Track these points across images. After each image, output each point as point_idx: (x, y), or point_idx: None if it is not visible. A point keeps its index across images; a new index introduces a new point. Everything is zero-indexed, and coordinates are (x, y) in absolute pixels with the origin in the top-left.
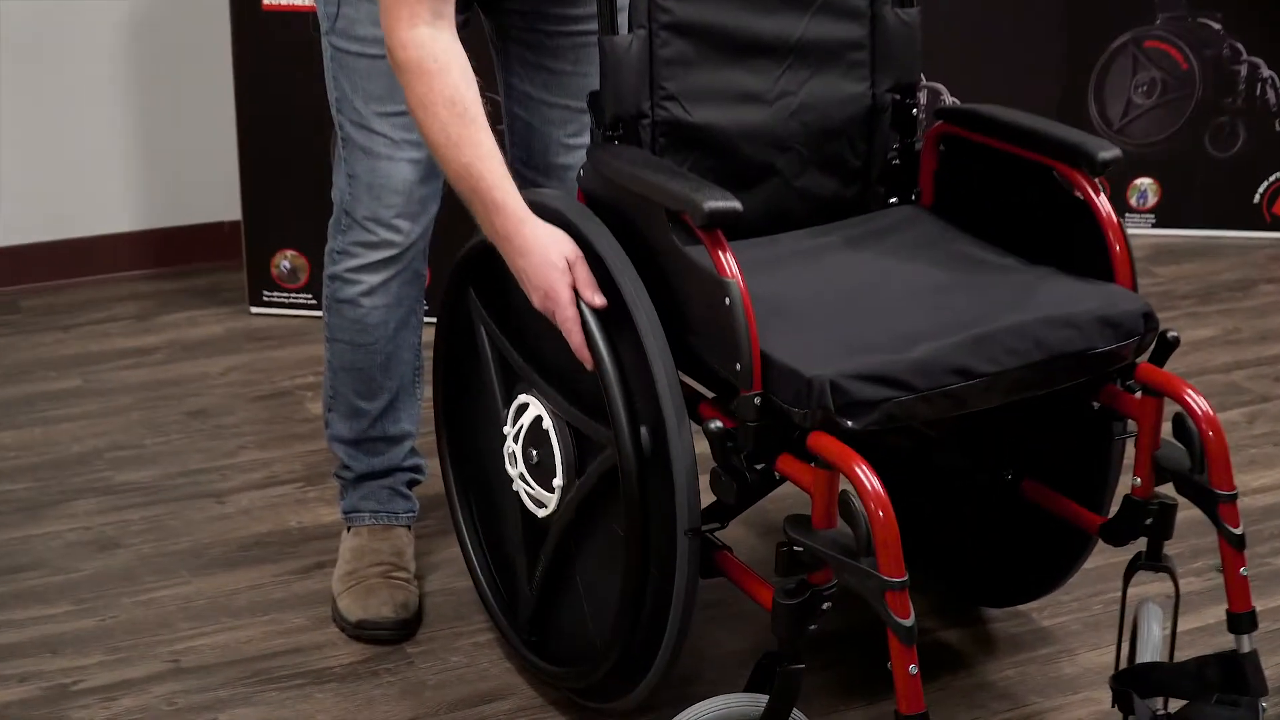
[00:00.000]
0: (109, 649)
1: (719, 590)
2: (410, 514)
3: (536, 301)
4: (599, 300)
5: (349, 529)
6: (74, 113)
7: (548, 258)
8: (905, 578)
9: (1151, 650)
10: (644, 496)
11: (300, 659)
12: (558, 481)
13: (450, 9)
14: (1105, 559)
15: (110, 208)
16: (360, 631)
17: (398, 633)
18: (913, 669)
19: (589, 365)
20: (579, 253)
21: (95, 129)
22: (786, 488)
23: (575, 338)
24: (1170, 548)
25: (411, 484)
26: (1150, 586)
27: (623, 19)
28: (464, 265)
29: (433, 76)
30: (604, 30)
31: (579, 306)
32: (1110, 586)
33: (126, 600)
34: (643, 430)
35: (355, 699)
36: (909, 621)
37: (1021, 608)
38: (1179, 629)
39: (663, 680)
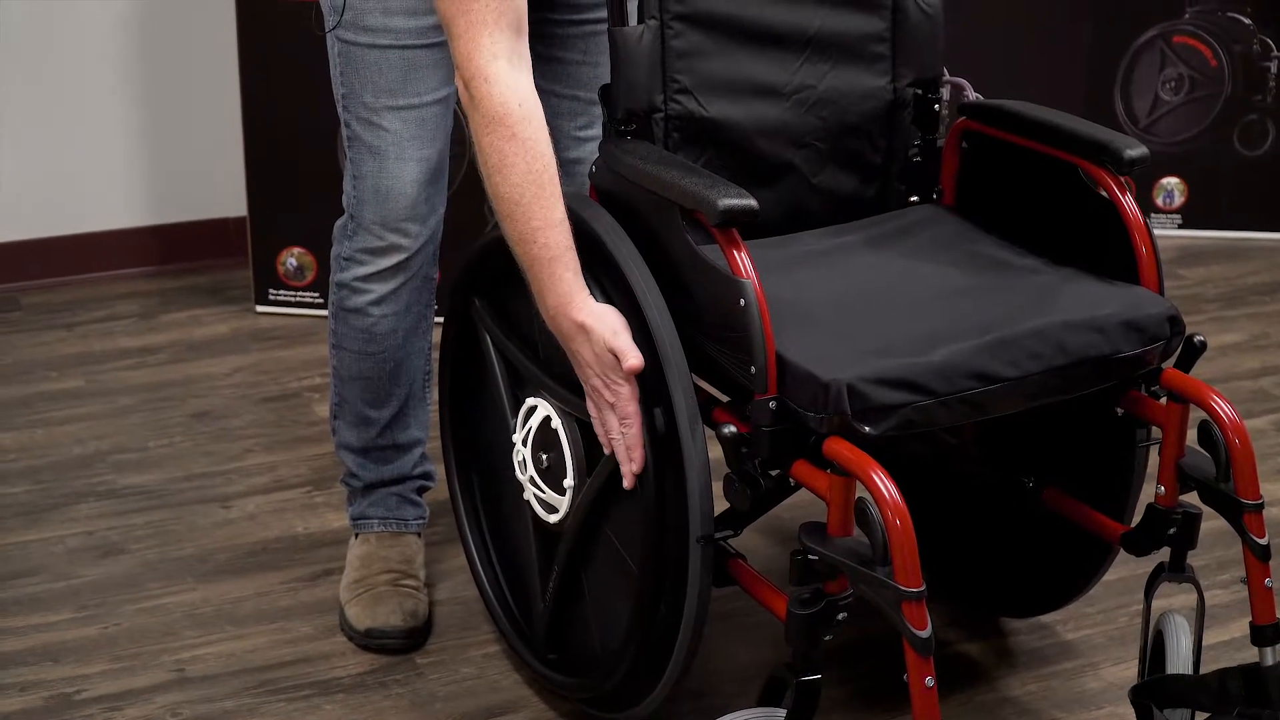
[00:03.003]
0: (112, 657)
1: (734, 601)
2: (420, 521)
3: (587, 389)
4: (635, 362)
5: (357, 536)
6: (77, 105)
7: (595, 349)
8: (922, 588)
9: (1181, 663)
10: (657, 488)
11: (307, 669)
12: (569, 482)
13: (527, 47)
14: (1130, 570)
15: (114, 203)
16: (368, 641)
17: (406, 642)
18: (929, 681)
19: (638, 466)
20: (625, 323)
21: (99, 122)
22: (803, 495)
23: (629, 435)
24: (1196, 559)
25: (422, 490)
26: (1176, 598)
27: (633, 8)
28: (466, 274)
29: (516, 125)
30: (614, 21)
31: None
32: (1136, 599)
33: (130, 607)
34: (656, 411)
35: (363, 710)
36: (926, 632)
37: (1045, 620)
38: (1204, 642)
39: (674, 691)
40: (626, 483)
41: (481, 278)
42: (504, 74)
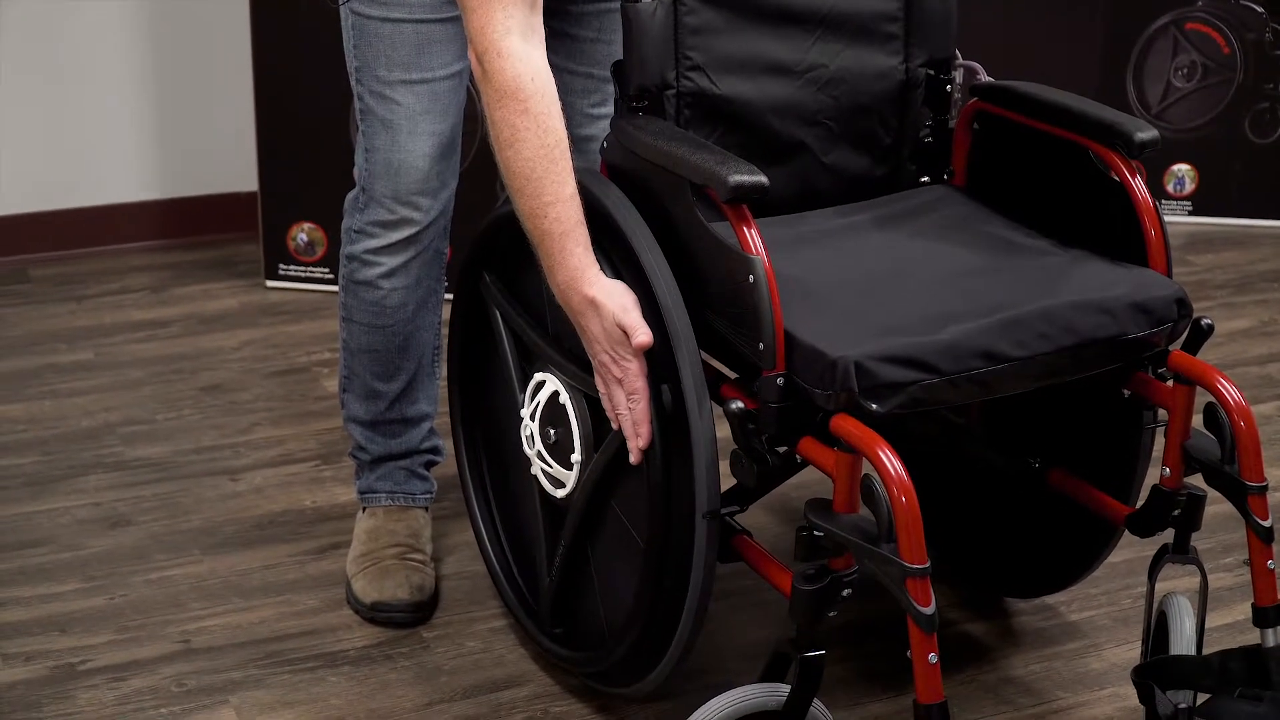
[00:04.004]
0: (118, 628)
1: (740, 579)
2: (428, 495)
3: (595, 365)
4: (645, 338)
5: (364, 509)
6: (89, 79)
7: (605, 324)
8: (927, 564)
9: (1184, 645)
10: (664, 463)
11: (313, 641)
12: (576, 458)
13: (541, 21)
14: (1135, 551)
15: (124, 176)
16: (375, 614)
17: (413, 615)
18: (932, 658)
19: (644, 441)
20: (635, 299)
21: (111, 95)
22: (811, 473)
23: (638, 410)
24: (1201, 542)
25: (429, 465)
26: (1179, 581)
27: None
28: (477, 248)
29: (529, 100)
30: None
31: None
32: (1140, 581)
33: (137, 579)
34: (664, 387)
35: (369, 683)
36: (930, 609)
37: (1049, 601)
38: (1207, 624)
39: (679, 665)
40: (633, 458)
41: (492, 253)
42: (517, 48)
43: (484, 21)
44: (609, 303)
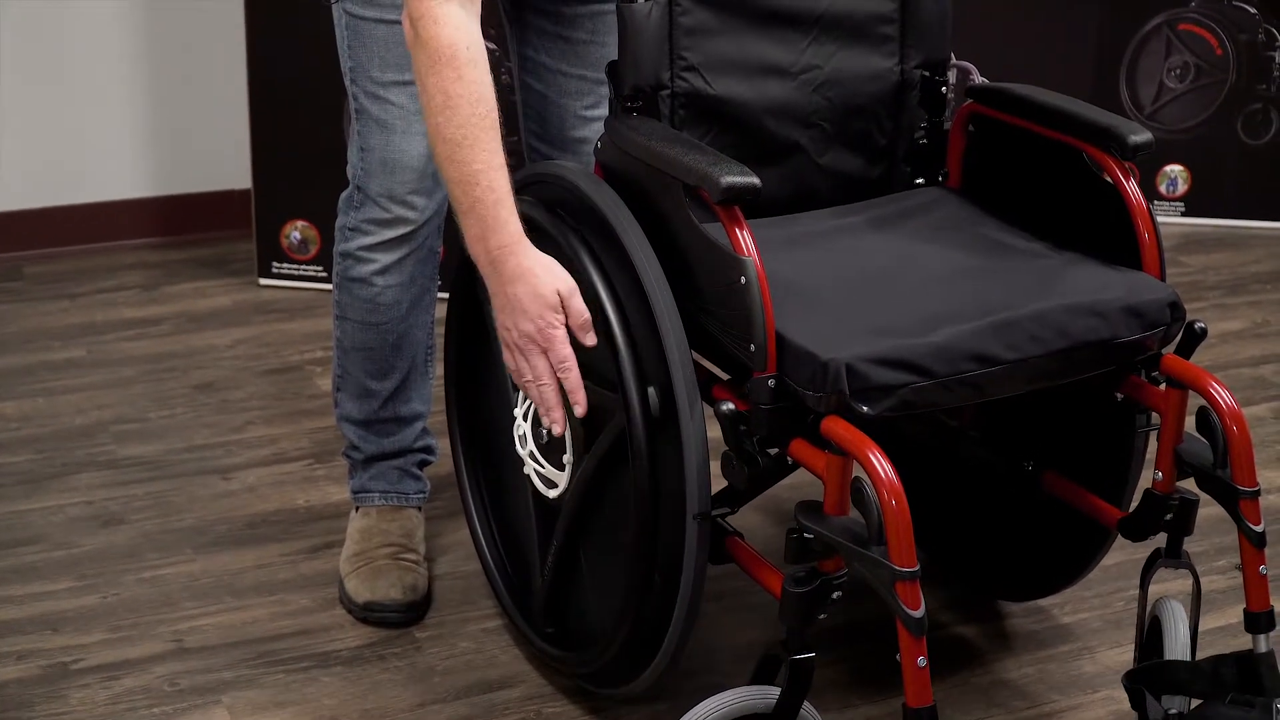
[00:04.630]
0: (110, 627)
1: (732, 580)
2: (421, 495)
3: (515, 335)
4: (591, 340)
5: (357, 509)
6: (83, 76)
7: (539, 290)
8: (916, 568)
9: (1179, 649)
10: (653, 465)
11: (306, 641)
12: (568, 458)
13: None
14: (1128, 555)
15: (118, 173)
16: (368, 614)
17: (406, 615)
18: (921, 661)
19: (583, 409)
20: (574, 285)
21: (105, 92)
22: (804, 475)
23: (571, 377)
24: (1194, 545)
25: (423, 465)
26: (1173, 584)
27: None
28: None
29: (464, 67)
30: None
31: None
32: (1134, 584)
33: (129, 577)
34: (651, 391)
35: (362, 683)
36: (919, 612)
37: (1042, 604)
38: (1200, 628)
39: (671, 665)
40: (557, 429)
41: None
42: (454, 15)
43: None
44: (545, 274)
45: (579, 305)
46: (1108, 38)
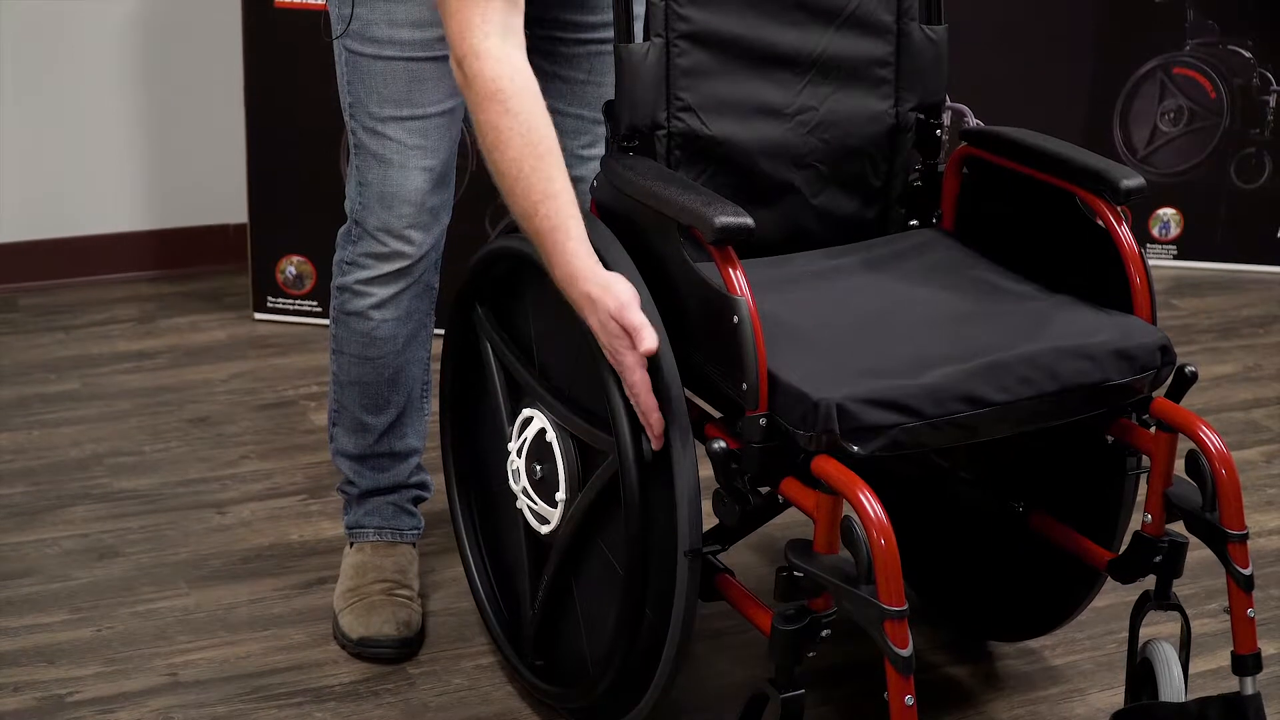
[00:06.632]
0: (106, 660)
1: (726, 619)
2: (415, 531)
3: (605, 352)
4: (646, 347)
5: (352, 544)
6: (80, 109)
7: (600, 319)
8: (905, 607)
9: (1174, 691)
10: (645, 505)
11: (299, 676)
12: (560, 495)
13: (520, 22)
14: (1120, 596)
15: (114, 207)
16: (361, 649)
17: (399, 651)
18: (909, 700)
19: (658, 428)
20: (624, 301)
21: (100, 125)
22: (795, 514)
23: (642, 398)
24: (1184, 588)
25: (417, 500)
26: (1163, 626)
27: (639, 27)
28: (470, 280)
29: (509, 100)
30: (620, 38)
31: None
32: (1125, 626)
33: (124, 611)
34: (645, 435)
35: (355, 719)
36: (907, 651)
37: (1033, 645)
38: (1190, 670)
39: (662, 705)
40: (655, 444)
41: (484, 285)
42: (496, 50)
43: (463, 26)
44: (605, 298)
45: (630, 318)
46: (1102, 81)
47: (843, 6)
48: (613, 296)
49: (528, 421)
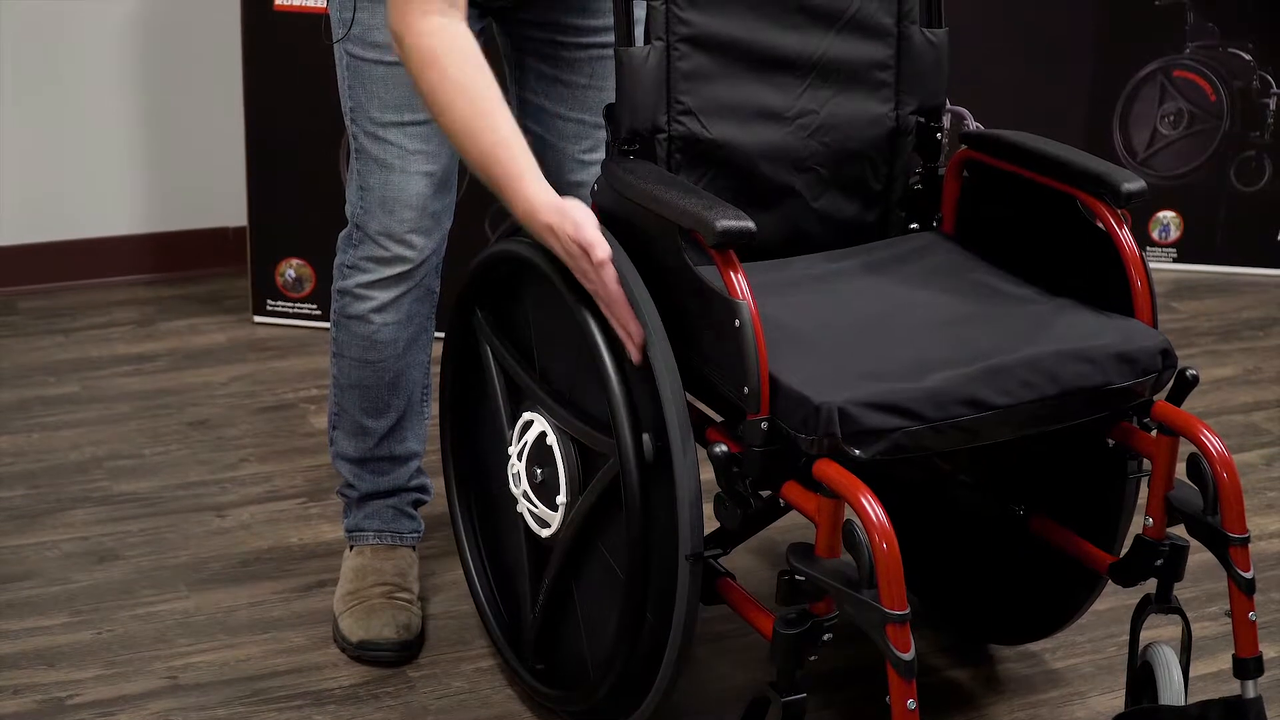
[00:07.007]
0: (106, 663)
1: (728, 622)
2: (415, 534)
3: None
4: (600, 254)
5: (351, 548)
6: (80, 111)
7: (565, 246)
8: (906, 611)
9: (1175, 695)
10: (645, 509)
11: (299, 679)
12: (561, 499)
13: None
14: (1121, 600)
15: (113, 209)
16: (361, 652)
17: (399, 654)
18: (911, 704)
19: (638, 338)
20: (590, 215)
21: (100, 128)
22: (796, 517)
23: (620, 310)
24: (1185, 591)
25: (417, 504)
26: (1164, 630)
27: (640, 31)
28: (470, 284)
29: (446, 64)
30: (620, 41)
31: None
32: (1126, 629)
33: (123, 614)
34: (645, 437)
35: None
36: (909, 655)
37: (1033, 649)
38: (1191, 673)
39: (663, 708)
40: (634, 358)
41: (484, 289)
42: (434, 26)
43: (404, 6)
44: (563, 223)
45: (583, 236)
46: (1102, 84)
47: (843, 9)
48: (569, 221)
49: (528, 425)
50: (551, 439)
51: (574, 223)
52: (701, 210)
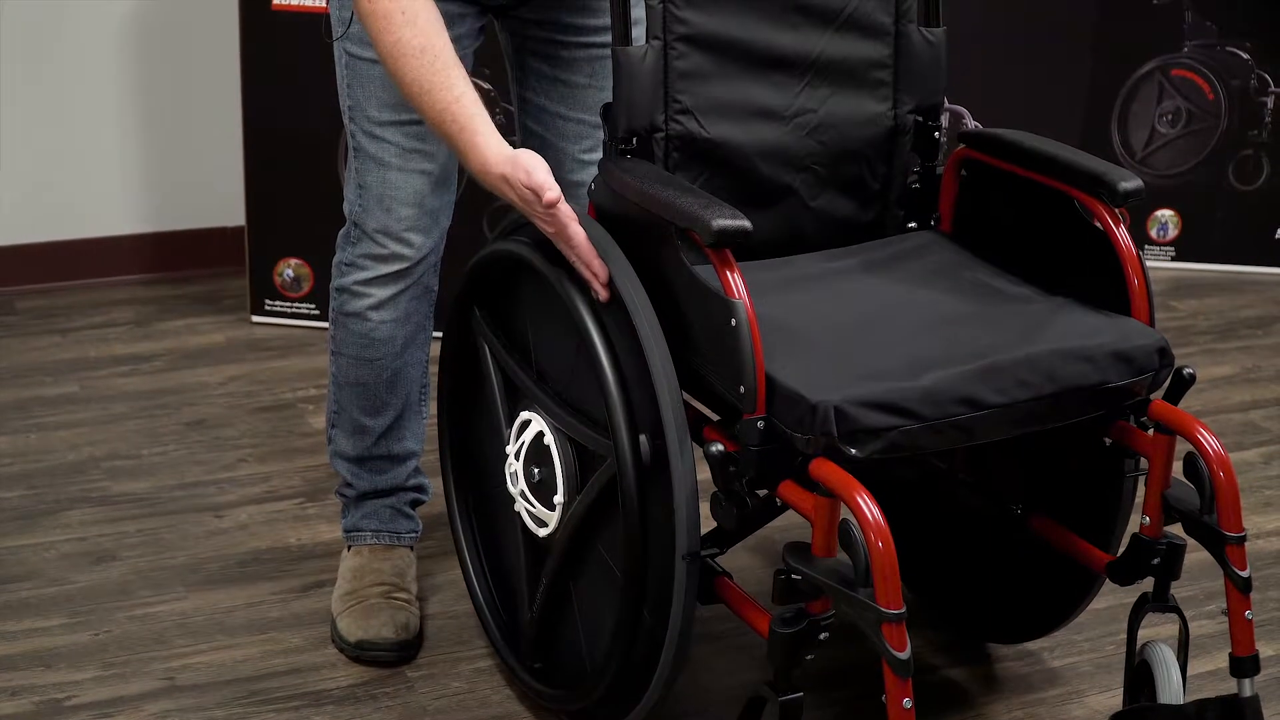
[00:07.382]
0: (103, 664)
1: (725, 621)
2: (413, 534)
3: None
4: (549, 196)
5: (350, 548)
6: (77, 111)
7: (521, 195)
8: (902, 609)
9: (1173, 693)
10: (642, 508)
11: (298, 680)
12: (558, 499)
13: None
14: (1119, 598)
15: (111, 209)
16: (360, 652)
17: (398, 654)
18: (907, 703)
19: (603, 277)
20: (542, 163)
21: (98, 128)
22: (793, 517)
23: (580, 248)
24: (1182, 589)
25: (415, 504)
26: (1162, 628)
27: (639, 31)
28: (468, 283)
29: (401, 26)
30: (618, 40)
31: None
32: (1124, 628)
33: (121, 615)
34: (642, 438)
35: None
36: (905, 654)
37: (1031, 647)
38: (1188, 672)
39: (661, 708)
40: (601, 296)
41: (482, 289)
42: None
43: None
44: (515, 172)
45: (534, 180)
46: (1100, 83)
47: (841, 8)
48: (522, 169)
49: (526, 424)
50: (549, 438)
51: (525, 169)
52: (698, 209)
